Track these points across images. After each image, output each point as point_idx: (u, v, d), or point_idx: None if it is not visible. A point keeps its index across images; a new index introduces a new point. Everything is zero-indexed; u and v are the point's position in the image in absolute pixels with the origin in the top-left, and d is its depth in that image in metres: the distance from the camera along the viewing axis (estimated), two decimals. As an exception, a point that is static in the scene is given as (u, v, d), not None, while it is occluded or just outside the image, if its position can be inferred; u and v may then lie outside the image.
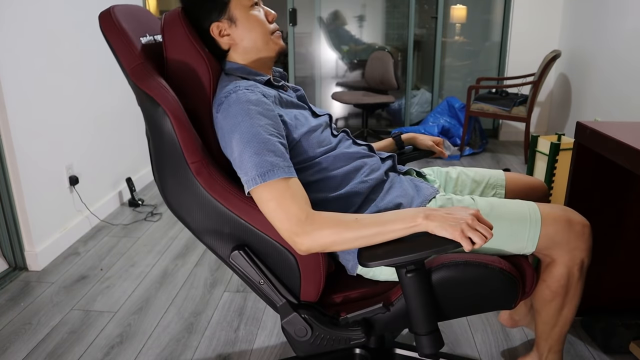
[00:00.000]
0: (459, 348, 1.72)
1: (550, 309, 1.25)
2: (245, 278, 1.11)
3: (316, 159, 1.18)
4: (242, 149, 1.03)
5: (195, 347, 1.75)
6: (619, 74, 3.15)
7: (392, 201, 1.21)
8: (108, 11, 1.09)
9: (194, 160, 1.05)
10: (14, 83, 2.12)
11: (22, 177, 2.19)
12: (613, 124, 1.55)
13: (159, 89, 1.05)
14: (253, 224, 1.07)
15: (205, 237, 1.11)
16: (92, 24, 2.70)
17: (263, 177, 1.01)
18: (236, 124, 1.05)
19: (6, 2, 2.07)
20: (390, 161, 1.33)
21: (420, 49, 4.84)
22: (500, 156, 4.00)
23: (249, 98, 1.08)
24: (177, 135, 1.04)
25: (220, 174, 1.08)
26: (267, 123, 1.06)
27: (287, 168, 1.04)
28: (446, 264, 1.09)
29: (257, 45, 1.21)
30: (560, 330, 1.29)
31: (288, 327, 1.11)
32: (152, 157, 1.13)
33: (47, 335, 1.82)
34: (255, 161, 1.02)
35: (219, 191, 1.06)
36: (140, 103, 1.10)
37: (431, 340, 1.04)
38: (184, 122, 1.05)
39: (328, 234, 1.00)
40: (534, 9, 4.17)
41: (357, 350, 1.49)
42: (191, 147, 1.05)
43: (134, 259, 2.38)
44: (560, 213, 1.17)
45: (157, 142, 1.08)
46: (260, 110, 1.07)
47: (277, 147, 1.05)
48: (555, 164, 2.51)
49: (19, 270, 2.27)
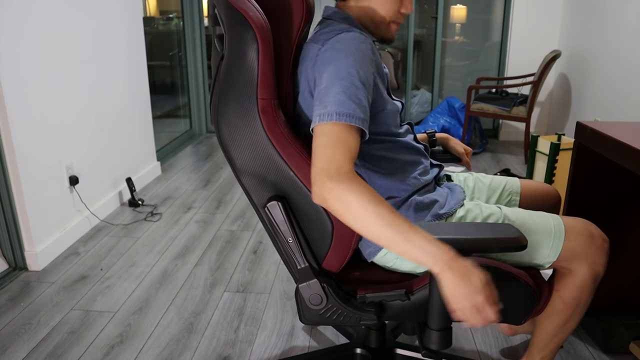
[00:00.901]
0: (459, 348, 1.72)
1: (557, 320, 1.24)
2: (274, 231, 1.08)
3: (387, 137, 1.15)
4: (333, 82, 0.98)
5: (195, 347, 1.75)
6: (619, 73, 3.15)
7: (429, 197, 1.20)
8: None
9: (264, 97, 1.01)
10: (14, 83, 2.12)
11: (22, 177, 2.19)
12: (613, 124, 1.55)
13: (255, 12, 0.99)
14: (302, 178, 1.03)
15: (247, 177, 1.07)
16: (92, 24, 2.70)
17: (340, 117, 0.95)
18: (338, 57, 1.00)
19: (6, 2, 2.07)
20: (437, 169, 1.31)
21: (420, 49, 4.84)
22: (500, 156, 4.00)
23: (361, 41, 1.04)
24: (259, 64, 0.99)
25: (283, 119, 1.04)
26: (366, 72, 1.02)
27: (363, 121, 0.98)
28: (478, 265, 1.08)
29: (375, 16, 1.16)
30: (558, 341, 1.28)
31: (304, 291, 1.08)
32: (219, 80, 1.07)
33: (47, 335, 1.82)
34: (339, 99, 0.96)
35: (277, 135, 1.02)
36: (226, 19, 1.02)
37: (442, 337, 1.04)
38: (270, 53, 1.00)
39: (356, 200, 0.91)
40: (534, 9, 4.18)
41: (358, 350, 1.50)
42: (267, 82, 1.00)
43: (134, 259, 2.38)
44: (582, 226, 1.17)
45: (234, 66, 1.01)
46: (366, 58, 1.03)
47: (365, 98, 1.00)
48: (555, 164, 2.51)
49: (19, 270, 2.27)
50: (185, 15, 4.44)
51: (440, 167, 1.33)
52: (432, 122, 4.18)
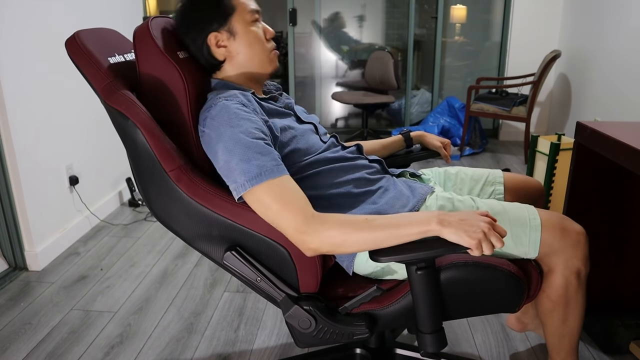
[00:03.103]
0: (459, 348, 1.72)
1: (554, 320, 1.24)
2: (242, 278, 1.11)
3: (302, 164, 1.18)
4: (228, 158, 1.04)
5: (195, 347, 1.75)
6: (619, 73, 3.15)
7: (389, 202, 1.21)
8: (73, 37, 1.13)
9: (171, 168, 1.06)
10: (14, 83, 2.12)
11: (22, 177, 2.19)
12: (613, 124, 1.55)
13: (127, 103, 1.07)
14: (240, 222, 1.07)
15: (197, 243, 1.12)
16: (92, 23, 2.70)
17: (251, 182, 1.01)
18: (219, 134, 1.06)
19: (6, 2, 2.07)
20: (377, 164, 1.33)
21: (420, 49, 4.84)
22: (500, 156, 4.00)
23: (228, 107, 1.09)
24: (150, 145, 1.05)
25: (201, 178, 1.09)
26: (248, 127, 1.06)
27: (276, 167, 1.03)
28: (456, 263, 1.09)
29: (253, 62, 1.23)
30: (570, 341, 1.27)
31: (291, 320, 1.11)
32: (133, 172, 1.14)
33: (47, 335, 1.82)
34: (242, 167, 1.02)
35: (201, 195, 1.07)
36: (113, 121, 1.12)
37: (435, 339, 1.04)
38: (155, 132, 1.07)
39: (337, 234, 0.99)
40: (534, 9, 4.18)
41: (358, 350, 1.49)
42: (166, 155, 1.06)
43: (134, 259, 2.38)
44: (555, 220, 1.17)
45: (134, 155, 1.09)
46: (241, 116, 1.08)
47: (263, 148, 1.05)
48: (555, 164, 2.51)
49: (19, 270, 2.27)
50: (185, 15, 4.44)
51: (380, 162, 1.34)
52: (432, 122, 4.18)
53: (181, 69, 1.14)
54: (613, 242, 1.74)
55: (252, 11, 1.21)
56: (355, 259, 1.18)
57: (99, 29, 1.23)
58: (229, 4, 1.19)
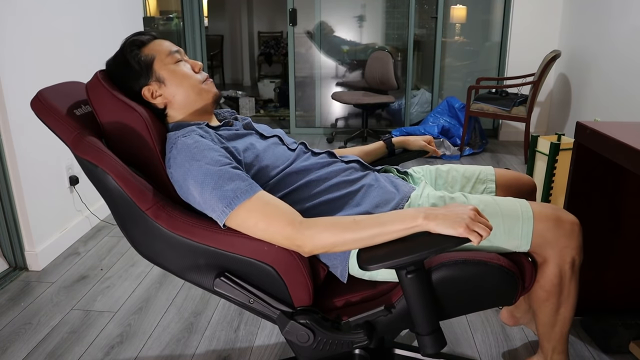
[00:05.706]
0: (459, 348, 1.72)
1: (547, 309, 1.26)
2: (235, 301, 1.12)
3: (276, 179, 1.19)
4: (201, 190, 1.06)
5: (195, 347, 1.76)
6: (619, 73, 3.15)
7: (373, 202, 1.22)
8: (36, 96, 1.16)
9: (148, 207, 1.09)
10: (14, 83, 2.12)
11: (22, 177, 2.19)
12: (613, 124, 1.55)
13: (95, 152, 1.10)
14: (223, 248, 1.09)
15: (186, 274, 1.14)
16: (93, 24, 2.70)
17: (230, 206, 1.04)
18: (186, 171, 1.09)
19: (7, 3, 2.07)
20: (355, 164, 1.33)
21: (420, 49, 4.84)
22: (500, 156, 4.01)
23: (187, 143, 1.12)
24: (122, 188, 1.08)
25: (179, 211, 1.11)
26: (213, 156, 1.09)
27: (249, 187, 1.06)
28: (445, 263, 1.09)
29: (190, 98, 1.26)
30: (560, 330, 1.29)
31: (289, 336, 1.11)
32: (114, 217, 1.16)
33: (47, 335, 1.82)
34: (217, 195, 1.04)
35: (182, 227, 1.09)
36: (85, 171, 1.14)
37: (434, 339, 1.05)
38: (125, 174, 1.09)
39: (327, 235, 1.03)
40: (534, 9, 4.18)
41: (357, 350, 1.49)
42: (140, 194, 1.09)
43: (134, 259, 2.38)
44: (549, 212, 1.18)
45: (109, 200, 1.12)
46: (202, 148, 1.11)
47: (232, 173, 1.07)
48: (555, 164, 2.51)
49: (19, 270, 2.28)
50: (185, 15, 4.45)
51: (357, 160, 1.34)
52: (432, 122, 4.18)
53: (138, 109, 1.18)
54: (613, 242, 1.74)
55: (170, 53, 1.26)
56: (348, 264, 1.19)
57: (62, 84, 1.29)
58: (147, 56, 1.24)
